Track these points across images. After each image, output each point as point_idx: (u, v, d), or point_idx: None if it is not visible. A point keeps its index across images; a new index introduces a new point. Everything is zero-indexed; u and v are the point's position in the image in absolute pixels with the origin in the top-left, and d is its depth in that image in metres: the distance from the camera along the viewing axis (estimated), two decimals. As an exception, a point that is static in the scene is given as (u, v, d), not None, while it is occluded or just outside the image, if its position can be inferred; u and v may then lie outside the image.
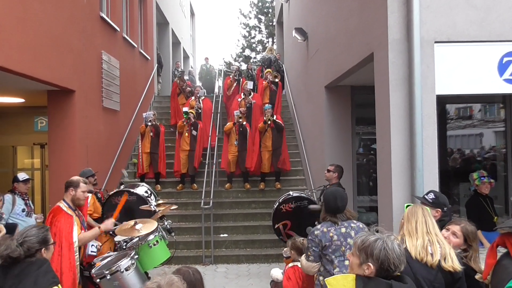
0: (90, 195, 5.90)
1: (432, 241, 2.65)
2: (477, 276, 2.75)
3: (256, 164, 9.26)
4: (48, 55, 6.30)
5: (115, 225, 4.45)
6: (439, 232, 2.74)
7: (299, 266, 3.86)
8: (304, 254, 3.57)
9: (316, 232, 3.42)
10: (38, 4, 6.04)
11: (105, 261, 4.07)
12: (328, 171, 6.06)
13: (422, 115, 4.23)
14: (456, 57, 4.42)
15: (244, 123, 9.28)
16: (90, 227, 5.72)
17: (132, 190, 6.04)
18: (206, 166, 9.24)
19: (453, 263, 2.58)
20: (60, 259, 3.81)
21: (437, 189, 4.20)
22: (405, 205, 3.07)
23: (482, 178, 5.30)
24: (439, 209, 3.37)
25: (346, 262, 3.34)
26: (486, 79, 4.43)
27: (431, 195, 3.46)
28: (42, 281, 2.39)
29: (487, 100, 6.77)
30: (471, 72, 4.43)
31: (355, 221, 3.49)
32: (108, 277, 3.74)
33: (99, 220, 5.98)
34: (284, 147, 9.41)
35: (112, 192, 6.30)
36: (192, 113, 9.54)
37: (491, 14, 4.37)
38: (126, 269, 3.81)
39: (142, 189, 6.18)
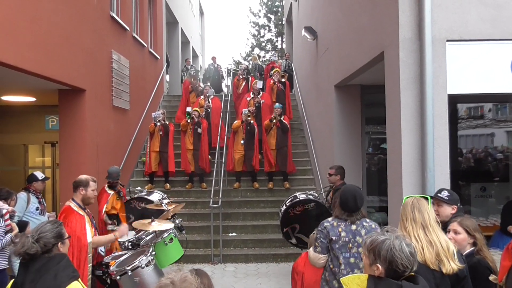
0: (111, 192, 6.07)
1: (425, 241, 2.53)
2: (492, 278, 2.70)
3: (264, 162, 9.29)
4: (59, 54, 6.36)
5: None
6: (433, 229, 2.58)
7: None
8: (312, 246, 3.56)
9: (325, 224, 3.43)
10: (50, 3, 6.09)
11: (122, 258, 4.09)
12: (330, 174, 6.02)
13: (433, 114, 4.18)
14: (468, 55, 4.37)
15: (252, 122, 9.28)
16: (103, 223, 5.83)
17: (147, 197, 6.34)
18: (215, 165, 9.26)
19: (451, 266, 2.46)
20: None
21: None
22: (404, 198, 2.92)
23: None
24: (455, 206, 3.32)
25: (352, 260, 3.32)
26: (498, 78, 4.37)
27: (445, 193, 3.39)
28: (62, 275, 2.40)
29: (499, 99, 6.68)
30: (483, 71, 4.38)
31: (368, 220, 3.46)
32: (129, 273, 3.76)
33: (114, 217, 6.05)
34: (289, 150, 9.38)
35: (135, 196, 6.41)
36: (197, 111, 9.55)
37: (503, 12, 4.31)
38: (147, 265, 3.84)
39: (156, 196, 6.43)
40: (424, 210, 2.65)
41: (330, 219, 3.48)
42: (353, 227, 3.38)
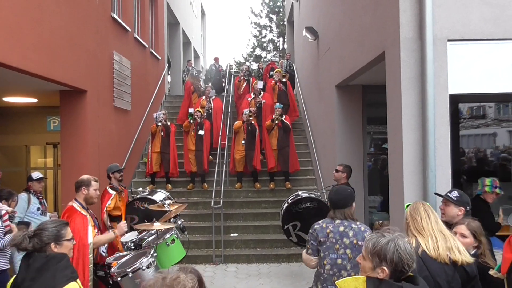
0: (114, 193, 6.02)
1: (439, 236, 2.62)
2: (492, 272, 2.70)
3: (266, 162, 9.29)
4: (61, 55, 6.37)
5: (131, 228, 4.52)
6: (443, 226, 2.70)
7: None
8: (305, 247, 3.59)
9: (315, 226, 3.43)
10: (52, 5, 6.10)
11: (123, 260, 4.10)
12: (337, 171, 6.02)
13: (434, 114, 4.18)
14: (469, 55, 4.36)
15: (253, 122, 9.28)
16: (103, 224, 5.78)
17: (151, 197, 6.38)
18: (217, 165, 9.26)
19: (463, 257, 2.53)
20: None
21: (449, 189, 4.15)
22: (405, 205, 3.01)
23: (494, 187, 5.01)
24: (463, 208, 3.28)
25: (339, 261, 3.29)
26: (500, 78, 4.36)
27: (455, 193, 3.36)
28: (60, 275, 2.40)
29: (501, 99, 6.67)
30: (485, 70, 4.37)
31: (358, 223, 3.39)
32: (130, 275, 3.77)
33: (119, 219, 6.02)
34: (291, 149, 9.38)
35: (137, 197, 6.42)
36: (199, 111, 9.56)
37: (506, 11, 4.30)
38: (148, 267, 3.84)
39: (160, 196, 6.52)
40: (433, 211, 2.77)
41: (320, 221, 3.47)
42: (341, 228, 3.33)
